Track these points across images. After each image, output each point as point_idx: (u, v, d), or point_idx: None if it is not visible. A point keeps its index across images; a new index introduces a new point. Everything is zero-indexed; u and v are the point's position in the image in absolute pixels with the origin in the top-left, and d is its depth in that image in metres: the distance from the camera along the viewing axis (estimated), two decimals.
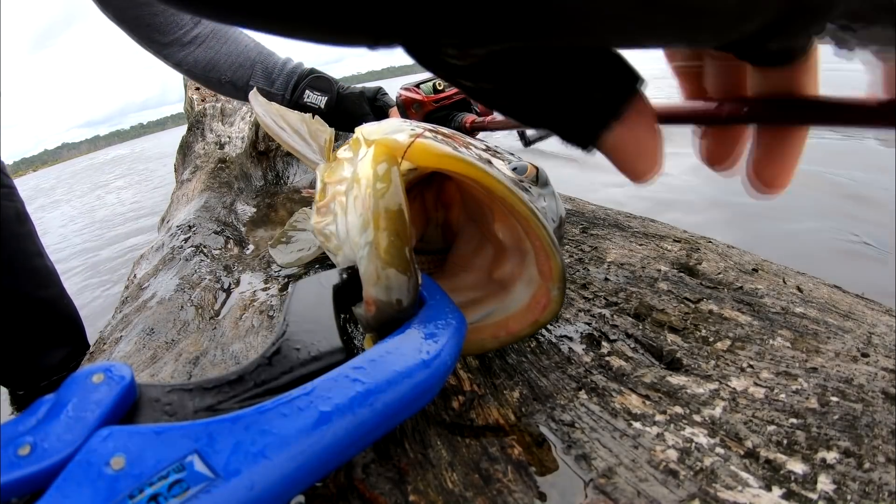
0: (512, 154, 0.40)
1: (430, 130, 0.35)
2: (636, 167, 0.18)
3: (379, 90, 0.91)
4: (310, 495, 0.26)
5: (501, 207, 0.32)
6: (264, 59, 0.90)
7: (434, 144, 0.31)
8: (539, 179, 0.36)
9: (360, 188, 0.31)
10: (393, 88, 0.97)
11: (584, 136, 0.17)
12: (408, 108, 0.68)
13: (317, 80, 0.89)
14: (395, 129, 0.35)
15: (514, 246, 0.33)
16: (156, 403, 0.23)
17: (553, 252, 0.30)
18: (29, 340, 1.02)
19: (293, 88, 0.89)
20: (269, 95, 0.89)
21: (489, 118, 0.56)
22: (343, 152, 0.45)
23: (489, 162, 0.34)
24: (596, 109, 0.17)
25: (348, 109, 0.88)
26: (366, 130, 0.40)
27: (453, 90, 0.67)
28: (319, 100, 0.88)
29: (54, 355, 1.05)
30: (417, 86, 0.68)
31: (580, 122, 0.17)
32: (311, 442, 0.20)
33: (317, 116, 0.61)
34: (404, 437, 0.30)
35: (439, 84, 0.67)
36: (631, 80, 0.17)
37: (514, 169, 0.35)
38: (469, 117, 0.63)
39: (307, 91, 0.88)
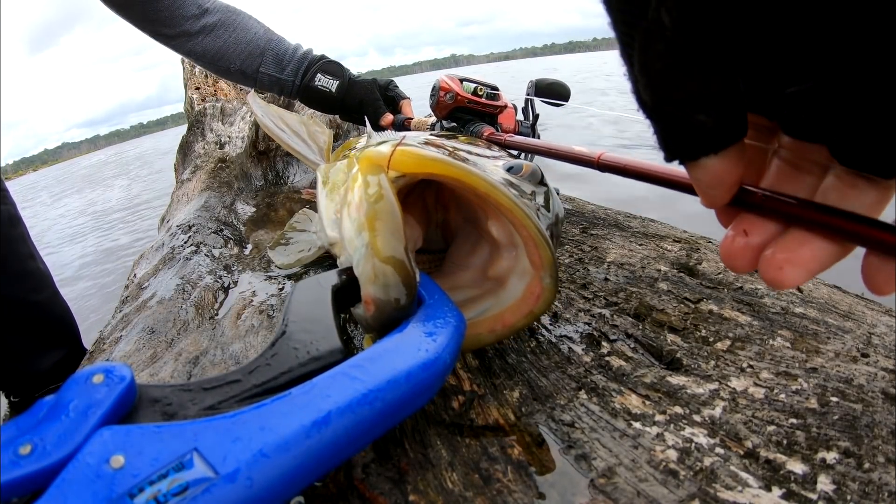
0: (512, 155, 0.40)
1: (411, 137, 0.36)
2: (712, 195, 0.19)
3: (391, 82, 0.90)
4: (309, 495, 0.26)
5: (491, 204, 0.33)
6: (274, 47, 0.89)
7: (414, 150, 0.32)
8: (534, 178, 0.36)
9: (353, 196, 0.32)
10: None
11: (689, 150, 0.18)
12: (441, 96, 0.69)
13: (328, 64, 0.89)
14: (379, 143, 0.36)
15: (507, 242, 0.34)
16: (156, 404, 0.23)
17: (541, 241, 0.30)
18: (23, 344, 1.01)
19: (304, 73, 0.88)
20: (280, 82, 0.89)
21: (507, 136, 0.56)
22: (342, 164, 0.46)
23: (478, 163, 0.34)
24: (715, 134, 0.17)
25: (359, 95, 0.86)
26: (357, 148, 0.41)
27: (490, 101, 0.68)
28: (331, 83, 0.87)
29: (49, 359, 1.04)
30: (462, 80, 0.70)
31: (695, 137, 0.17)
32: (311, 440, 0.20)
33: (315, 117, 0.60)
34: (404, 437, 0.30)
35: (480, 90, 0.68)
36: (742, 128, 0.18)
37: (510, 168, 0.35)
38: (488, 129, 0.64)
39: (318, 74, 0.87)
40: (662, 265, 0.48)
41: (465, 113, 0.69)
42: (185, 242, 0.75)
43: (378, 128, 0.86)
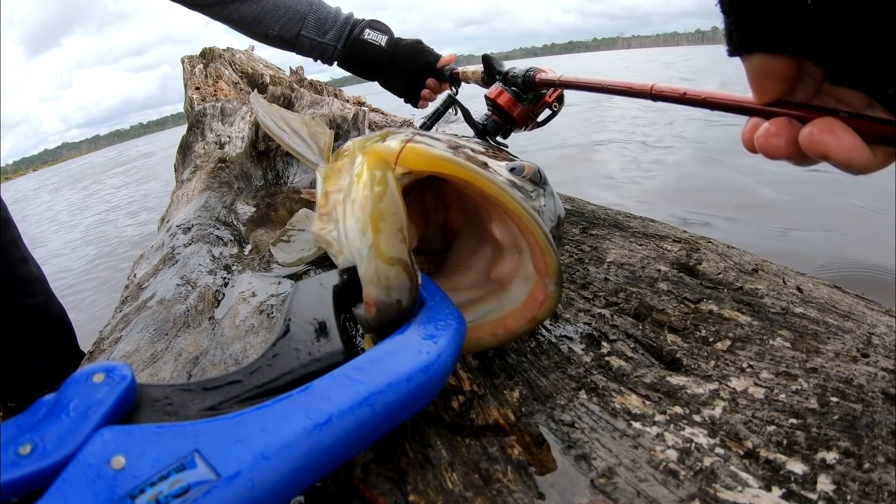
0: (514, 155, 0.40)
1: (420, 135, 0.36)
2: (762, 86, 0.25)
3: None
4: (309, 495, 0.26)
5: (497, 207, 0.32)
6: (316, 10, 0.89)
7: (425, 147, 0.32)
8: (537, 179, 0.36)
9: (357, 193, 0.32)
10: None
11: (747, 44, 0.24)
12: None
13: (376, 22, 0.90)
14: (388, 137, 0.36)
15: (510, 245, 0.34)
16: (156, 403, 0.23)
17: (548, 248, 0.30)
18: (19, 349, 1.00)
19: (347, 36, 0.89)
20: (320, 47, 0.89)
21: (560, 75, 0.57)
22: (341, 162, 0.45)
23: (485, 164, 0.34)
24: (770, 36, 0.23)
25: (410, 45, 0.88)
26: (359, 140, 0.41)
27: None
28: (380, 38, 0.88)
29: (45, 363, 1.03)
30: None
31: (754, 34, 0.23)
32: (312, 442, 0.20)
33: (317, 118, 0.60)
34: (404, 437, 0.30)
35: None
36: (793, 46, 0.23)
37: (513, 169, 0.35)
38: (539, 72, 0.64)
39: (367, 30, 0.88)
40: (662, 265, 0.48)
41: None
42: (185, 242, 0.75)
43: (417, 100, 0.89)
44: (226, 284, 0.59)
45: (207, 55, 2.42)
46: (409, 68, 0.89)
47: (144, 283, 0.68)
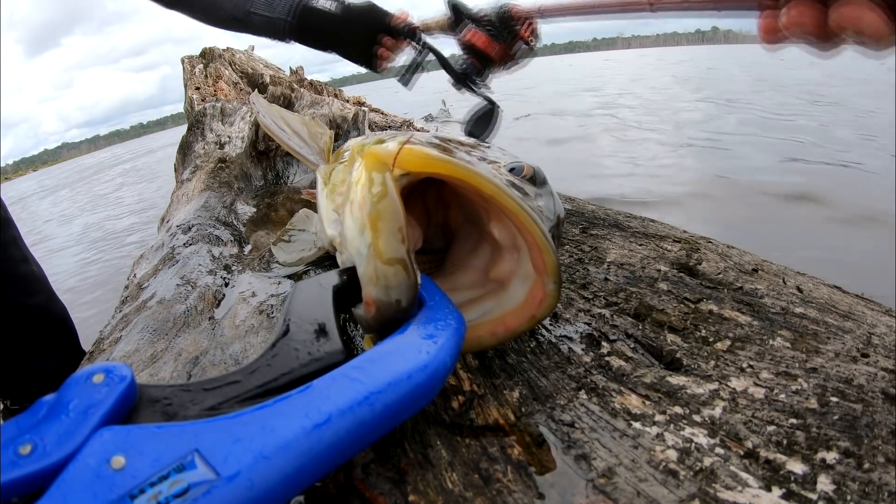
0: (515, 157, 0.40)
1: (418, 136, 0.36)
2: None
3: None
4: (309, 495, 0.26)
5: (494, 206, 0.33)
6: None
7: (422, 149, 0.32)
8: (536, 179, 0.36)
9: (356, 194, 0.32)
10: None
11: None
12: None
13: None
14: (385, 139, 0.36)
15: (509, 244, 0.34)
16: (156, 404, 0.23)
17: (546, 246, 0.30)
18: (20, 349, 0.99)
19: (297, 4, 0.86)
20: (271, 22, 0.87)
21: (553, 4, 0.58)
22: (342, 165, 0.46)
23: (482, 163, 0.34)
24: None
25: (365, 8, 0.85)
26: (357, 143, 0.41)
27: None
28: (331, 4, 0.85)
29: (47, 363, 1.02)
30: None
31: None
32: (311, 442, 0.20)
33: (317, 119, 0.60)
34: (404, 437, 0.30)
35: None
36: None
37: (512, 170, 0.35)
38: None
39: None
40: (662, 265, 0.48)
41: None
42: (185, 242, 0.75)
43: (374, 61, 0.85)
44: (226, 284, 0.59)
45: (207, 55, 2.42)
46: (366, 32, 0.85)
47: (144, 283, 0.68)
